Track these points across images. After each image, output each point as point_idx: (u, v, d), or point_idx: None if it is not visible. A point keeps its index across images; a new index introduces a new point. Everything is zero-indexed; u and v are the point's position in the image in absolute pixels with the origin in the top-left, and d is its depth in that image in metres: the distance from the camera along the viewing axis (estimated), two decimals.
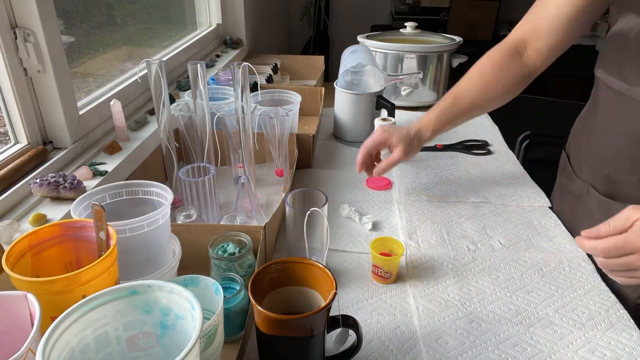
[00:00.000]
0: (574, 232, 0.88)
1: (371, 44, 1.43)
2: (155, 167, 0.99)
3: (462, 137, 1.26)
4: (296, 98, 1.13)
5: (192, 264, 0.70)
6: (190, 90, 0.91)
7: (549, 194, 1.00)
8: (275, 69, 1.58)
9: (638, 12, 0.70)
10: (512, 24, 3.20)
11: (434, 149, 1.21)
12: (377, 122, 1.09)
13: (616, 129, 0.78)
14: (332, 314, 0.54)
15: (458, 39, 1.46)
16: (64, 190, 0.71)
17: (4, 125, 0.79)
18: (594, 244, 0.57)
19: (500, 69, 0.87)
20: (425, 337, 0.65)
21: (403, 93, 1.44)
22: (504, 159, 1.16)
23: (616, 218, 0.56)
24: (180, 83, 1.27)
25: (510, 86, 0.88)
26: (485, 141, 1.25)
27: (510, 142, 1.28)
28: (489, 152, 1.20)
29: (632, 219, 0.54)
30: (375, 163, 0.92)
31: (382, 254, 0.74)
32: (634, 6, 0.70)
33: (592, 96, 0.86)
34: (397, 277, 0.76)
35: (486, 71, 0.88)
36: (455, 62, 1.48)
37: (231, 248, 0.68)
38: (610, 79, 0.77)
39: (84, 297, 0.45)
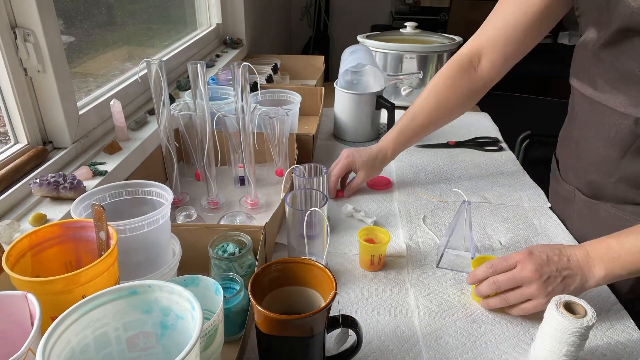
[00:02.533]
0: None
1: (371, 44, 1.43)
2: (155, 167, 0.99)
3: (473, 134, 1.28)
4: (296, 98, 1.13)
5: (192, 264, 0.70)
6: (190, 90, 0.91)
7: (548, 194, 1.00)
8: (275, 69, 1.58)
9: (595, 26, 0.74)
10: None
11: (447, 145, 1.22)
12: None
13: (592, 133, 0.80)
14: (332, 314, 0.54)
15: (458, 39, 1.46)
16: (64, 190, 0.71)
17: (4, 125, 0.79)
18: (485, 273, 0.67)
19: (453, 84, 0.91)
20: (426, 338, 0.65)
21: (403, 93, 1.44)
22: (504, 159, 1.17)
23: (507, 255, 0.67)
24: (180, 83, 1.27)
25: (462, 101, 0.93)
26: (497, 138, 1.26)
27: (510, 142, 1.28)
28: (500, 149, 1.21)
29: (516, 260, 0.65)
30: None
31: (367, 240, 0.77)
32: (593, 20, 0.74)
33: (569, 104, 0.88)
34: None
35: (440, 88, 0.92)
36: None
37: (231, 248, 0.68)
38: (582, 86, 0.80)
39: (84, 297, 0.45)
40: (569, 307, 0.56)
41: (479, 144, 1.23)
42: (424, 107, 0.93)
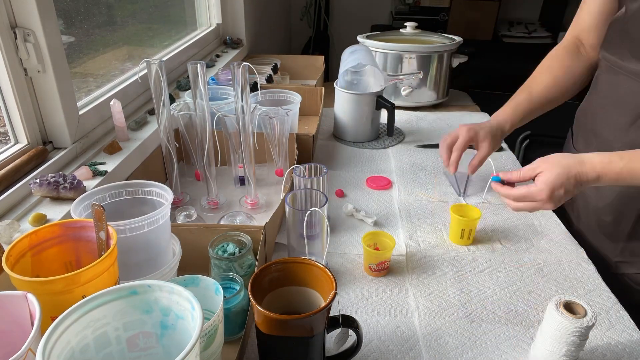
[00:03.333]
0: (567, 205, 0.96)
1: (371, 44, 1.43)
2: (155, 167, 0.99)
3: None
4: (296, 98, 1.13)
5: (192, 264, 0.70)
6: (190, 90, 0.91)
7: None
8: (275, 69, 1.58)
9: (626, 3, 0.80)
10: (512, 24, 3.21)
11: None
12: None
13: (608, 101, 0.85)
14: (332, 314, 0.54)
15: (458, 39, 1.46)
16: (64, 190, 0.71)
17: (4, 125, 0.79)
18: (507, 192, 0.74)
19: (565, 64, 0.94)
20: (426, 337, 0.65)
21: (403, 93, 1.44)
22: (504, 159, 1.17)
23: (526, 168, 0.73)
24: (180, 83, 1.27)
25: (575, 80, 0.94)
26: None
27: (510, 142, 1.28)
28: (500, 149, 1.21)
29: (537, 171, 0.71)
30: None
31: (371, 247, 0.77)
32: None
33: (594, 78, 0.92)
34: (390, 272, 0.76)
35: (554, 67, 0.96)
36: (455, 62, 1.48)
37: (231, 248, 0.68)
38: (607, 56, 0.85)
39: (84, 297, 0.45)
40: (569, 308, 0.56)
41: None
42: (539, 84, 0.95)
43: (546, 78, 0.95)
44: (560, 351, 0.56)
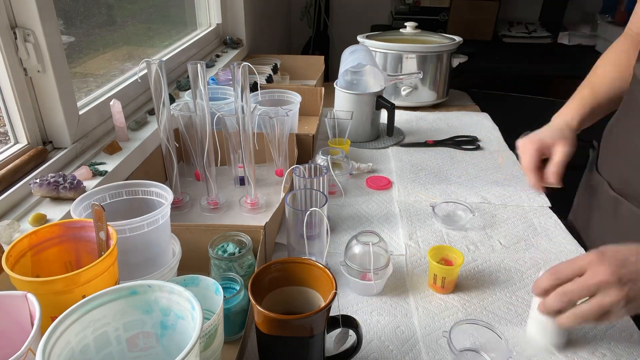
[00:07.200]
0: (587, 228, 0.88)
1: (371, 44, 1.43)
2: (155, 167, 0.99)
3: (453, 133, 1.29)
4: (296, 98, 1.13)
5: (192, 264, 0.70)
6: (190, 90, 0.91)
7: (548, 194, 1.00)
8: (275, 69, 1.58)
9: None
10: (512, 24, 3.21)
11: (425, 144, 1.23)
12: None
13: None
14: (332, 314, 0.54)
15: (458, 39, 1.46)
16: (64, 190, 0.71)
17: (4, 125, 0.79)
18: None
19: (630, 56, 0.83)
20: (425, 338, 0.65)
21: (403, 93, 1.44)
22: (504, 159, 1.16)
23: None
24: (180, 83, 1.27)
25: None
26: (475, 137, 1.26)
27: (511, 142, 1.28)
28: (478, 147, 1.21)
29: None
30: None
31: (444, 261, 0.74)
32: None
33: (629, 93, 0.83)
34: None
35: (618, 60, 0.86)
36: (455, 62, 1.48)
37: (231, 248, 0.68)
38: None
39: (84, 297, 0.45)
40: None
41: (457, 142, 1.23)
42: (601, 76, 0.85)
43: (609, 71, 0.84)
44: (553, 326, 0.60)
